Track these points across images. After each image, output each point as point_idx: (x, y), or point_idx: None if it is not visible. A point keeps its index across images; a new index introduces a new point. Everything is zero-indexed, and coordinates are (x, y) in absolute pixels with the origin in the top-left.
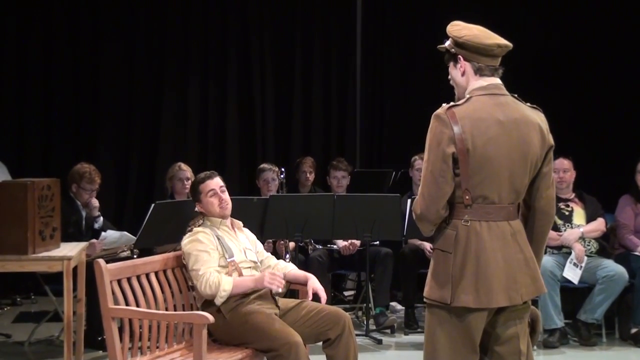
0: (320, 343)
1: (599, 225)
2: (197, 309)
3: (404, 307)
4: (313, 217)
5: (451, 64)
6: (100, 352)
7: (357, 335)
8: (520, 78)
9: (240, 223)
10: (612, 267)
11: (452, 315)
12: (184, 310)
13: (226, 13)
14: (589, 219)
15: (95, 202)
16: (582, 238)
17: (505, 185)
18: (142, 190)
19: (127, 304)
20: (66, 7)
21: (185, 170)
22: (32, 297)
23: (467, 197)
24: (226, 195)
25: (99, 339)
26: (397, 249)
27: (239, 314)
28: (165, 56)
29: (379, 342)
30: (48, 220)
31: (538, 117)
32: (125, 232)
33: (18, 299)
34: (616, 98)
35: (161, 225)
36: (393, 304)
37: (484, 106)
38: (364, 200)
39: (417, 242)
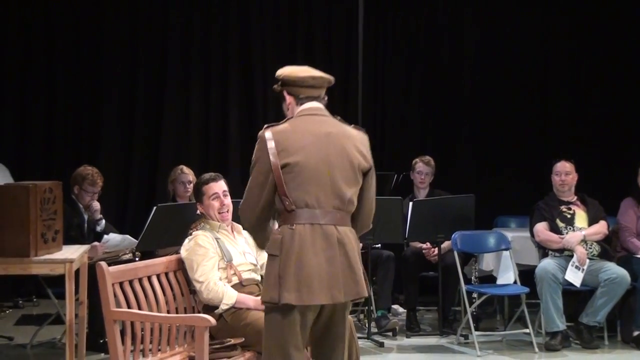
0: None
1: (601, 228)
2: (199, 312)
3: (405, 310)
4: None
5: (283, 103)
6: (102, 354)
7: (358, 338)
8: (521, 83)
9: (240, 227)
10: (614, 270)
11: (280, 313)
12: (185, 312)
13: (228, 17)
14: (591, 221)
15: (97, 205)
16: (584, 241)
17: (325, 190)
18: (144, 193)
19: (129, 306)
20: (69, 9)
21: (187, 174)
22: (34, 299)
23: (287, 203)
24: (228, 200)
25: (101, 341)
26: (399, 252)
27: (240, 316)
28: (167, 59)
29: (381, 344)
30: (50, 223)
31: (359, 134)
32: (127, 235)
33: (20, 302)
34: (618, 100)
35: (163, 228)
36: (395, 306)
37: (299, 123)
38: None
39: (419, 245)
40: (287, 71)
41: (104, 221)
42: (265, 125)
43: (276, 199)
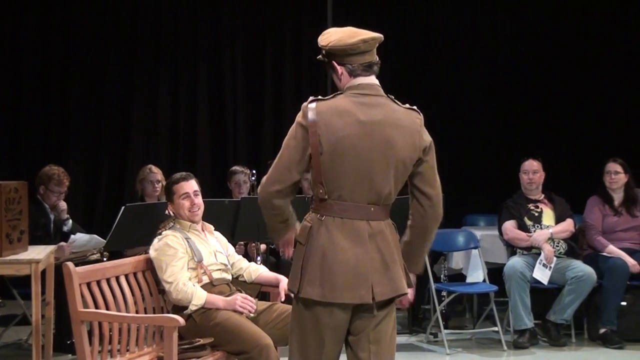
0: None
1: (567, 226)
2: (168, 312)
3: None
4: None
5: (332, 74)
6: (70, 355)
7: None
8: (491, 79)
9: (211, 227)
10: (581, 268)
11: (301, 305)
12: (154, 313)
13: (197, 18)
14: (558, 219)
15: (63, 205)
16: (551, 239)
17: (362, 184)
18: (113, 192)
19: (96, 307)
20: (37, 9)
21: (156, 173)
22: (0, 300)
23: (321, 191)
24: (199, 200)
25: (68, 342)
26: None
27: (209, 316)
28: (135, 58)
29: None
30: (15, 224)
31: (411, 119)
32: (95, 235)
33: None
34: (585, 99)
35: (131, 228)
36: None
37: (348, 104)
38: None
39: None
40: (332, 39)
41: (70, 221)
42: (312, 98)
43: (311, 184)
